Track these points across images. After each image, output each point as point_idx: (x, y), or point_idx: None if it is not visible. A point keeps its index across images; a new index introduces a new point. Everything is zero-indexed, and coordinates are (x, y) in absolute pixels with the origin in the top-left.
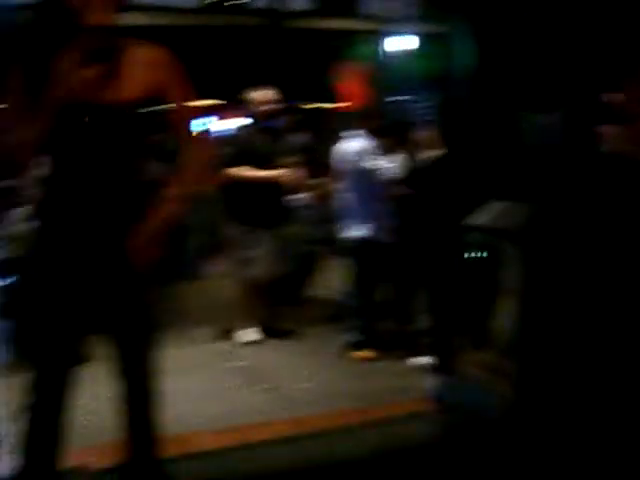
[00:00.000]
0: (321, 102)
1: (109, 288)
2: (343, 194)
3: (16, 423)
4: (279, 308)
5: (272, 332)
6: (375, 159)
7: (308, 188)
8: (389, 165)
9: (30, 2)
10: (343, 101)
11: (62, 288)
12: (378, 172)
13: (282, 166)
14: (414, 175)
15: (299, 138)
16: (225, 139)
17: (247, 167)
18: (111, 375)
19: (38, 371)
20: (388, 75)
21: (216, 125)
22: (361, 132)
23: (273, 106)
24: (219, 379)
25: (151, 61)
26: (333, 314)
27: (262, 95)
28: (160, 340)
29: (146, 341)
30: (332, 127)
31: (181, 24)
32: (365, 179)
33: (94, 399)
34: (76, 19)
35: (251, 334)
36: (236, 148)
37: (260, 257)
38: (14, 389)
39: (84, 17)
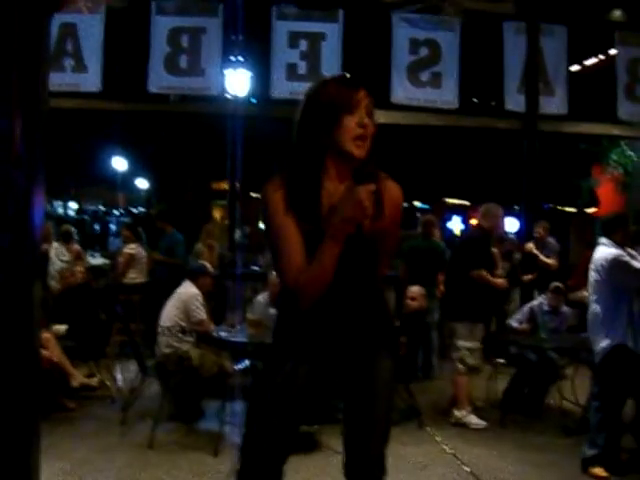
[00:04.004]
0: (577, 206)
1: (348, 383)
2: (593, 301)
3: None
4: (516, 416)
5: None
6: (625, 267)
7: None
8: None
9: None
10: (600, 206)
11: (292, 379)
12: (629, 280)
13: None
14: None
15: (553, 243)
16: (468, 241)
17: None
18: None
19: (245, 459)
20: None
21: (459, 225)
22: (614, 239)
23: (500, 222)
24: None
25: (394, 195)
26: (574, 426)
27: (493, 210)
28: (393, 436)
29: (380, 437)
30: (590, 232)
31: (435, 124)
32: (615, 288)
33: None
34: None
35: (474, 419)
36: (480, 253)
37: (478, 348)
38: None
39: (347, 145)
